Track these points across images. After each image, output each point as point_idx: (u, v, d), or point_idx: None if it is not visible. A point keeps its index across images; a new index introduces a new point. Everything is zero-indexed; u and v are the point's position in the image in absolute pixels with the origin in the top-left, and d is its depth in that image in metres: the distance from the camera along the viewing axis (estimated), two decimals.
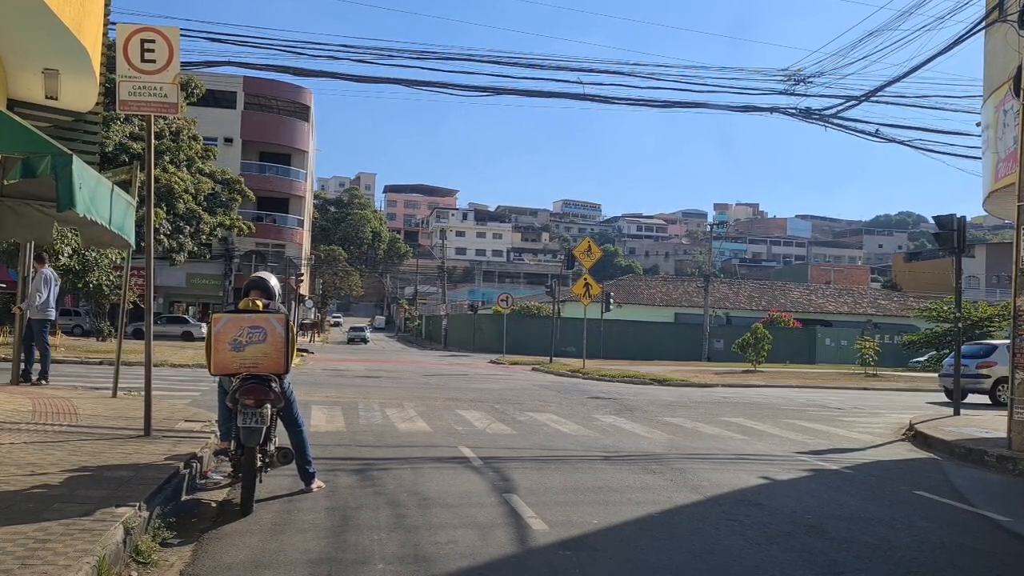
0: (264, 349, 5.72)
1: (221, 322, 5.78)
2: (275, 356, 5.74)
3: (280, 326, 5.78)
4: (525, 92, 13.65)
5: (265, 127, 54.51)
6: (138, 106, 7.51)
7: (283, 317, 5.87)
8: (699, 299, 60.70)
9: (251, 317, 5.81)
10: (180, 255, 36.79)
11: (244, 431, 5.60)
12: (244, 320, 5.78)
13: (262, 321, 5.77)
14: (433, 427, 10.68)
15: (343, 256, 78.44)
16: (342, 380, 19.58)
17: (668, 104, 14.32)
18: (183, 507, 5.70)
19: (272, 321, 5.78)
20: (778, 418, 13.99)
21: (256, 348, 5.71)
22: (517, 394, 17.19)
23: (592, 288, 27.56)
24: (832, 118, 14.30)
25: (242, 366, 5.72)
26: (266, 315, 5.84)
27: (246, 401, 5.60)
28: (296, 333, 6.20)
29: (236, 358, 5.71)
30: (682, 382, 24.06)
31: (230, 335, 5.72)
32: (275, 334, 5.74)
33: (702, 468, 8.01)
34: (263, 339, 5.72)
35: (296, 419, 6.33)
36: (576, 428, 11.23)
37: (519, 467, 7.70)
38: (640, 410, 14.46)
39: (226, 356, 5.71)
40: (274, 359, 5.74)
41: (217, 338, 5.73)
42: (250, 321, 5.77)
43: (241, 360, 5.71)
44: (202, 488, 6.36)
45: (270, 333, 5.74)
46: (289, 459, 6.12)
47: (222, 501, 5.93)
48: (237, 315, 5.86)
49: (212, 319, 5.88)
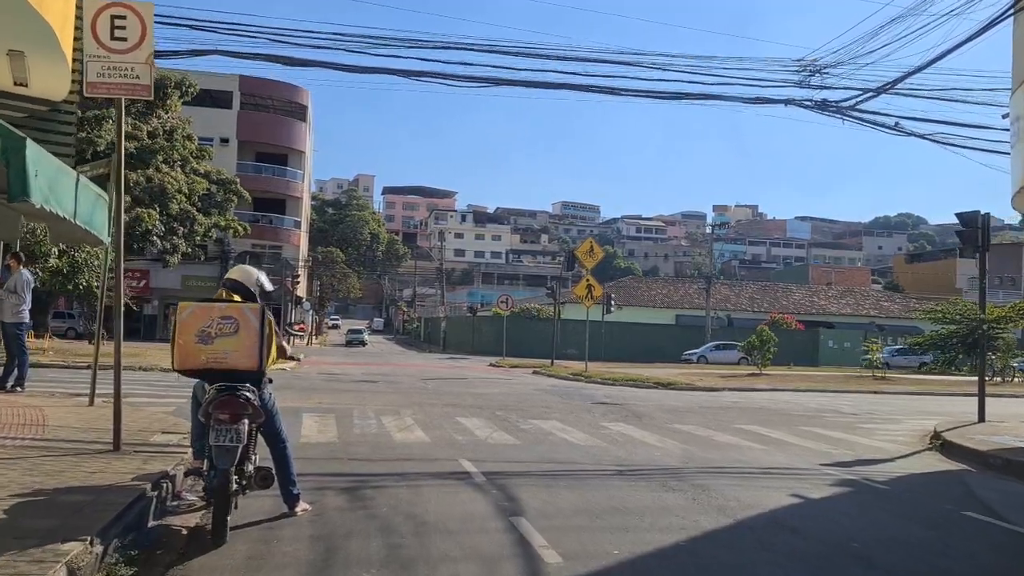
0: (235, 342, 5.05)
1: (187, 311, 5.13)
2: (247, 350, 5.05)
3: (255, 317, 5.12)
4: (527, 83, 13.00)
5: (261, 127, 53.76)
6: (107, 88, 6.84)
7: (258, 308, 5.21)
8: (700, 301, 60.08)
9: (222, 306, 5.19)
10: (174, 256, 36.06)
11: (217, 450, 4.92)
12: (214, 309, 5.14)
13: (234, 311, 5.13)
14: (432, 437, 10.01)
15: (341, 258, 77.77)
16: (337, 385, 18.91)
17: (676, 95, 13.68)
18: (149, 536, 5.04)
19: (246, 312, 5.13)
20: (793, 425, 13.33)
21: (226, 340, 5.05)
22: (519, 400, 16.52)
23: (595, 290, 26.90)
24: (849, 110, 13.66)
25: (210, 360, 5.05)
26: (239, 305, 5.22)
27: (220, 415, 4.92)
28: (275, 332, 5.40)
29: (203, 351, 5.04)
30: (687, 386, 23.39)
31: (197, 325, 5.06)
32: (249, 325, 5.08)
33: (725, 484, 7.34)
34: (234, 330, 5.06)
35: (279, 434, 5.66)
36: (584, 437, 10.56)
37: (526, 484, 7.03)
38: (648, 416, 13.80)
39: (191, 349, 5.04)
40: (246, 353, 5.05)
41: (182, 328, 5.07)
42: (220, 311, 5.13)
43: (209, 354, 5.04)
44: (174, 511, 5.70)
45: (243, 324, 5.07)
46: (269, 482, 5.40)
47: (194, 528, 5.27)
48: (206, 304, 5.25)
49: (178, 307, 5.22)
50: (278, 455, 5.63)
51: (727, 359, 47.36)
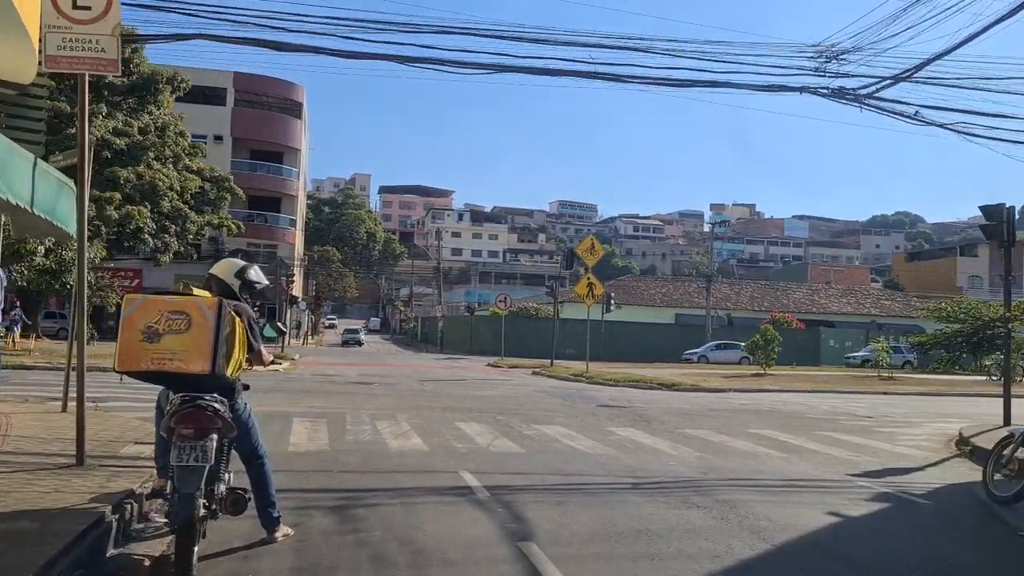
0: (185, 340, 4.30)
1: (134, 304, 4.40)
2: (199, 350, 4.30)
3: (211, 312, 4.36)
4: (530, 70, 12.32)
5: (256, 124, 53.00)
6: (69, 62, 6.16)
7: (215, 302, 4.45)
8: (700, 300, 59.47)
9: (173, 300, 4.45)
10: (165, 255, 35.30)
11: (179, 471, 4.22)
12: (163, 303, 4.40)
13: (187, 305, 4.39)
14: (430, 444, 9.35)
15: (337, 257, 77.02)
16: (331, 387, 18.23)
17: (685, 83, 13.00)
18: (106, 567, 4.38)
19: (200, 305, 4.39)
20: (810, 429, 12.68)
21: (175, 338, 4.30)
22: (520, 402, 15.86)
23: (596, 288, 26.24)
24: (867, 98, 13.00)
25: (155, 360, 4.30)
26: (193, 298, 4.48)
27: (183, 430, 4.23)
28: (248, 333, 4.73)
29: (148, 351, 4.30)
30: (692, 387, 22.75)
31: (144, 320, 4.32)
32: (202, 322, 4.33)
33: (753, 500, 6.68)
34: (186, 327, 4.31)
35: (255, 449, 4.97)
36: (592, 445, 9.90)
37: (534, 501, 6.37)
38: (657, 421, 13.14)
39: (135, 347, 4.30)
40: (198, 353, 4.29)
41: (127, 324, 4.34)
42: (171, 304, 4.38)
43: (154, 353, 4.29)
44: (139, 536, 5.03)
45: (196, 320, 4.33)
46: (241, 507, 4.71)
47: (159, 558, 4.60)
48: (155, 297, 4.51)
49: (124, 300, 4.49)
50: (255, 473, 4.96)
51: (728, 359, 46.77)
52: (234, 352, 4.53)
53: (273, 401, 13.00)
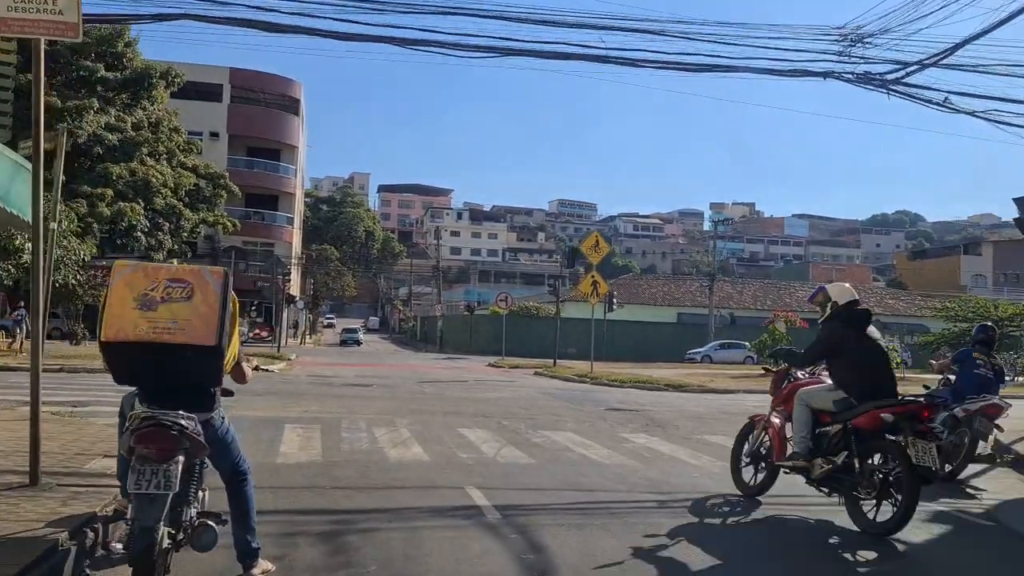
0: (187, 310, 3.73)
1: (127, 269, 3.84)
2: (203, 322, 3.73)
3: (217, 284, 3.82)
4: (537, 53, 11.57)
5: (253, 121, 52.23)
6: (22, 25, 5.40)
7: (222, 272, 3.91)
8: (702, 299, 58.79)
9: (173, 268, 3.92)
10: (159, 253, 34.53)
11: (137, 500, 3.54)
12: (161, 270, 3.87)
13: (189, 274, 3.85)
14: (431, 454, 8.61)
15: (335, 255, 76.28)
16: (327, 390, 17.48)
17: (701, 68, 12.27)
18: None
19: (205, 275, 3.85)
20: None
21: (175, 307, 3.72)
22: (525, 405, 15.12)
23: (600, 286, 25.51)
24: (893, 84, 12.27)
25: (152, 330, 3.69)
26: (197, 267, 3.95)
27: (144, 451, 3.54)
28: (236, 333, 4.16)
29: (143, 319, 3.69)
30: (700, 388, 22.06)
31: (139, 287, 3.75)
32: (207, 291, 3.78)
33: (798, 520, 5.94)
34: (187, 296, 3.75)
35: (237, 466, 4.23)
36: (607, 454, 9.17)
37: (551, 524, 5.63)
38: (671, 425, 12.42)
39: (127, 315, 3.69)
40: (201, 326, 3.72)
41: (116, 291, 3.75)
42: (170, 272, 3.85)
43: (150, 323, 3.69)
44: (101, 562, 4.30)
45: (200, 289, 3.78)
46: (208, 542, 3.87)
47: None
48: (150, 264, 4.03)
49: (114, 267, 3.90)
50: (235, 494, 4.22)
51: (732, 358, 46.08)
52: (234, 337, 4.04)
53: (265, 405, 12.27)
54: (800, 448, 6.28)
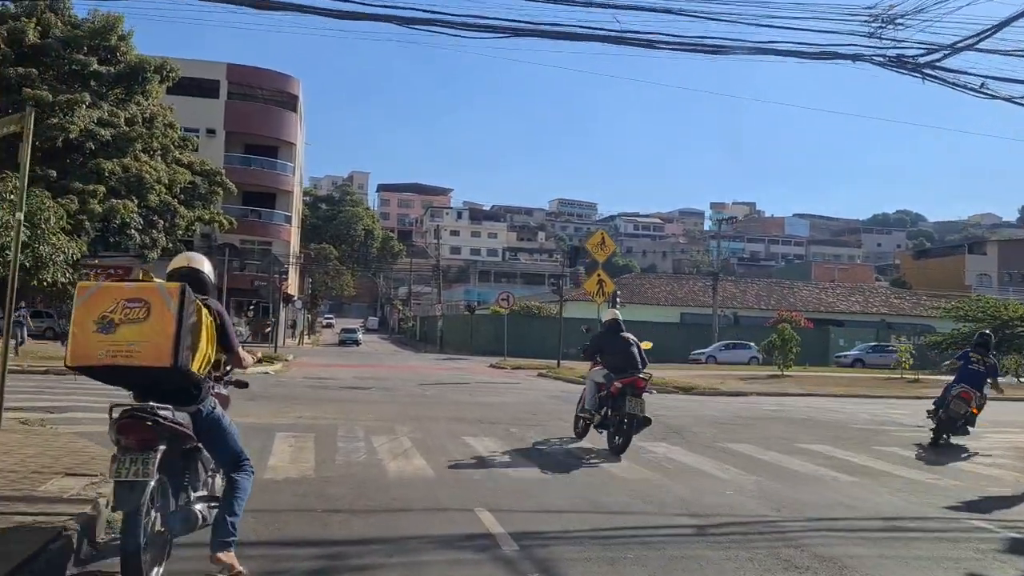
0: (144, 330, 3.78)
1: (88, 292, 3.88)
2: (159, 340, 3.76)
3: (171, 299, 3.82)
4: (549, 33, 10.77)
5: (250, 118, 51.33)
6: None
7: (178, 288, 3.87)
8: (705, 298, 58.06)
9: (131, 286, 3.93)
10: (153, 251, 33.66)
11: (116, 488, 3.71)
12: (120, 290, 3.90)
13: (145, 291, 3.86)
14: (435, 467, 7.83)
15: (334, 255, 75.48)
16: (323, 393, 16.69)
17: (722, 49, 11.48)
18: None
19: (160, 292, 3.85)
20: (865, 444, 11.17)
21: (132, 328, 3.78)
22: (533, 411, 14.34)
23: (606, 285, 24.73)
24: (927, 68, 11.49)
25: (110, 353, 3.77)
26: (153, 283, 3.94)
27: (125, 441, 3.76)
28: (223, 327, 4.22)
29: (103, 342, 3.78)
30: (711, 390, 21.31)
31: (98, 310, 3.80)
32: (162, 309, 3.80)
33: (861, 554, 5.16)
34: (144, 316, 3.79)
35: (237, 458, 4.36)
36: (627, 465, 8.40)
37: (577, 556, 4.85)
38: (689, 432, 11.64)
39: (89, 339, 3.78)
40: (156, 344, 3.76)
41: (79, 315, 3.84)
42: (128, 291, 3.87)
43: (110, 346, 3.77)
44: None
45: (155, 308, 3.81)
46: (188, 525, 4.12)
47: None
48: (111, 284, 4.04)
49: (77, 288, 3.96)
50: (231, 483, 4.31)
51: (737, 359, 45.36)
52: (200, 345, 4.02)
53: (256, 410, 11.49)
54: (589, 405, 10.10)
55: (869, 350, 47.60)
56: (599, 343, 10.46)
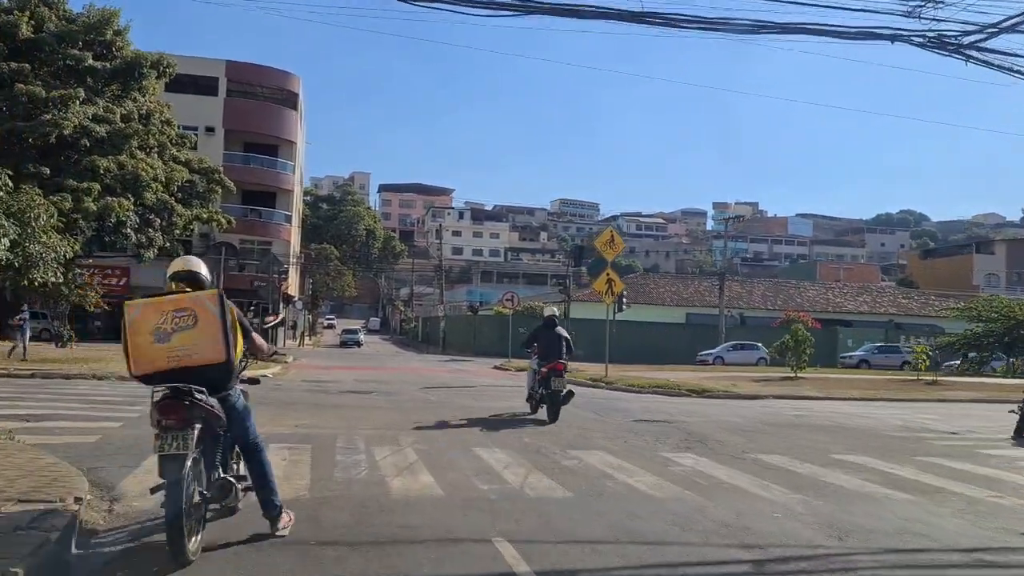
0: (196, 335, 4.45)
1: (136, 309, 4.49)
2: (211, 341, 4.46)
3: (213, 305, 4.52)
4: (562, 9, 9.99)
5: (249, 116, 50.52)
6: None
7: (215, 294, 4.59)
8: (711, 298, 57.29)
9: (173, 299, 4.58)
10: (149, 251, 32.90)
11: (161, 460, 4.29)
12: (165, 304, 4.53)
13: (188, 301, 4.53)
14: (445, 485, 7.03)
15: (335, 255, 74.68)
16: (323, 398, 15.89)
17: (750, 28, 10.67)
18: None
19: (202, 300, 4.54)
20: (906, 454, 10.35)
21: (186, 335, 4.44)
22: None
23: (616, 284, 23.92)
24: (970, 48, 10.68)
25: (172, 359, 4.42)
26: (193, 294, 4.62)
27: (166, 421, 4.32)
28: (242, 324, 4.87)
29: (163, 351, 4.41)
30: (725, 393, 20.51)
31: (150, 323, 4.44)
32: (207, 314, 4.49)
33: None
34: (193, 323, 4.46)
35: (251, 440, 5.06)
36: (655, 482, 7.59)
37: None
38: (714, 441, 10.83)
39: (150, 350, 4.42)
40: (210, 345, 4.46)
41: (134, 329, 4.44)
42: (173, 303, 4.52)
43: (169, 352, 4.42)
44: None
45: (201, 314, 4.48)
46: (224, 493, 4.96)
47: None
48: (155, 299, 4.59)
49: (125, 307, 4.51)
50: (253, 464, 5.05)
51: (745, 359, 44.52)
52: (237, 339, 4.71)
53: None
54: (529, 387, 13.27)
55: (875, 351, 46.75)
56: (534, 335, 13.49)
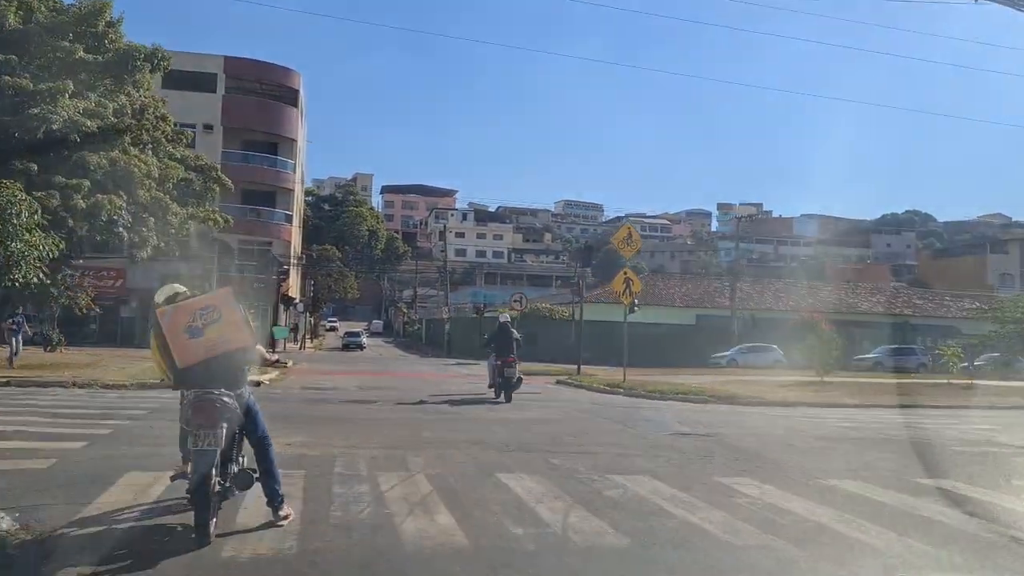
0: (223, 327, 5.19)
1: (167, 315, 5.21)
2: (238, 330, 5.29)
3: (232, 300, 5.38)
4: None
5: (249, 113, 49.18)
6: None
7: (229, 290, 5.50)
8: (722, 299, 55.97)
9: (197, 300, 5.34)
10: (143, 250, 31.45)
11: (196, 455, 5.02)
12: (191, 305, 5.27)
13: (210, 300, 5.34)
14: (468, 528, 5.63)
15: (337, 256, 73.33)
16: (321, 409, 14.45)
17: None
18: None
19: (222, 297, 5.40)
20: (990, 474, 8.94)
21: (216, 328, 5.18)
22: (571, 430, 12.12)
23: (634, 284, 22.53)
24: None
25: (209, 349, 5.14)
26: (213, 293, 5.49)
27: (199, 420, 5.03)
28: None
29: (200, 344, 5.12)
30: (758, 400, 19.10)
31: (183, 323, 5.15)
32: (229, 309, 5.30)
33: None
34: (219, 317, 5.20)
35: (260, 434, 5.66)
36: (724, 520, 6.17)
37: None
38: (769, 461, 9.40)
39: (188, 345, 5.11)
40: (238, 333, 5.29)
41: (171, 331, 5.15)
42: (198, 304, 5.29)
43: (205, 344, 5.13)
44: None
45: (224, 309, 5.26)
46: (247, 482, 5.48)
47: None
48: (181, 304, 5.29)
49: (156, 314, 5.23)
50: (261, 456, 5.60)
51: (760, 361, 43.09)
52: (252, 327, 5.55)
53: None
54: (490, 376, 17.83)
55: (890, 352, 45.20)
56: (492, 338, 18.04)
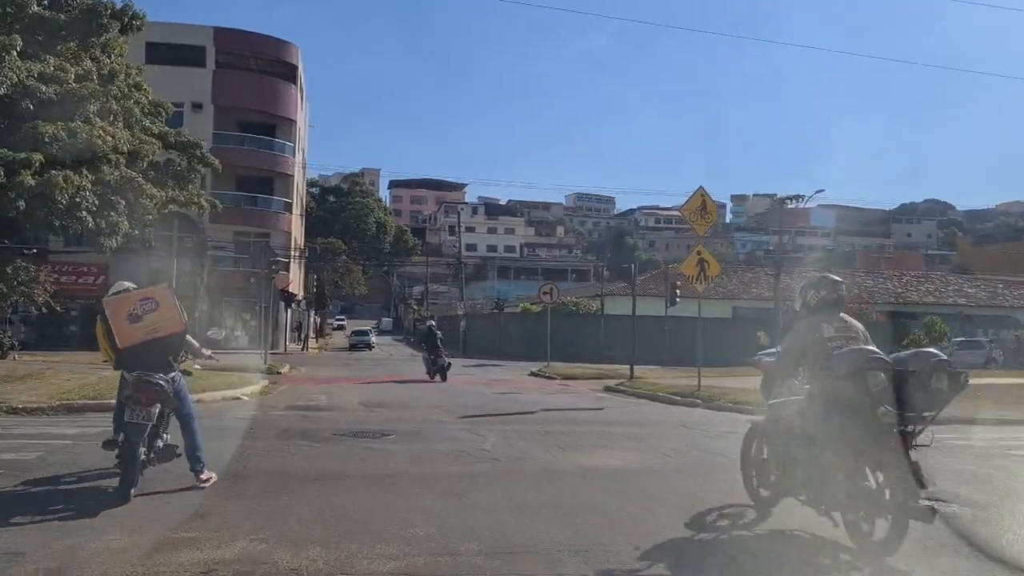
0: (159, 316, 6.39)
1: (111, 305, 6.38)
2: (172, 317, 6.49)
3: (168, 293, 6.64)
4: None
5: (242, 90, 44.62)
6: None
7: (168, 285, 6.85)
8: (758, 291, 51.61)
9: (139, 292, 6.58)
10: (111, 239, 26.88)
11: (129, 426, 6.09)
12: (133, 296, 6.49)
13: (149, 293, 6.53)
14: None
15: (343, 249, 68.79)
16: (300, 454, 9.65)
17: None
18: None
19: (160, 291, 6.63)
20: None
21: (152, 316, 6.35)
22: (703, 483, 7.51)
23: (709, 266, 17.92)
24: None
25: (147, 333, 6.30)
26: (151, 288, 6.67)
27: (138, 397, 6.13)
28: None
29: (139, 328, 6.27)
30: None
31: (124, 311, 6.31)
32: (165, 300, 6.52)
33: None
34: (155, 307, 6.39)
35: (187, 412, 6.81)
36: None
37: None
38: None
39: (128, 328, 6.26)
40: (172, 319, 6.48)
41: (114, 317, 6.28)
42: (139, 295, 6.50)
43: (143, 329, 6.30)
44: None
45: (161, 301, 6.48)
46: (169, 456, 6.63)
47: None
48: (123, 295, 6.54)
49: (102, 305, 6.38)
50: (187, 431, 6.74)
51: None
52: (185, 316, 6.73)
53: (144, 516, 4.82)
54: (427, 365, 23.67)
55: (956, 346, 40.29)
56: (423, 339, 24.52)
